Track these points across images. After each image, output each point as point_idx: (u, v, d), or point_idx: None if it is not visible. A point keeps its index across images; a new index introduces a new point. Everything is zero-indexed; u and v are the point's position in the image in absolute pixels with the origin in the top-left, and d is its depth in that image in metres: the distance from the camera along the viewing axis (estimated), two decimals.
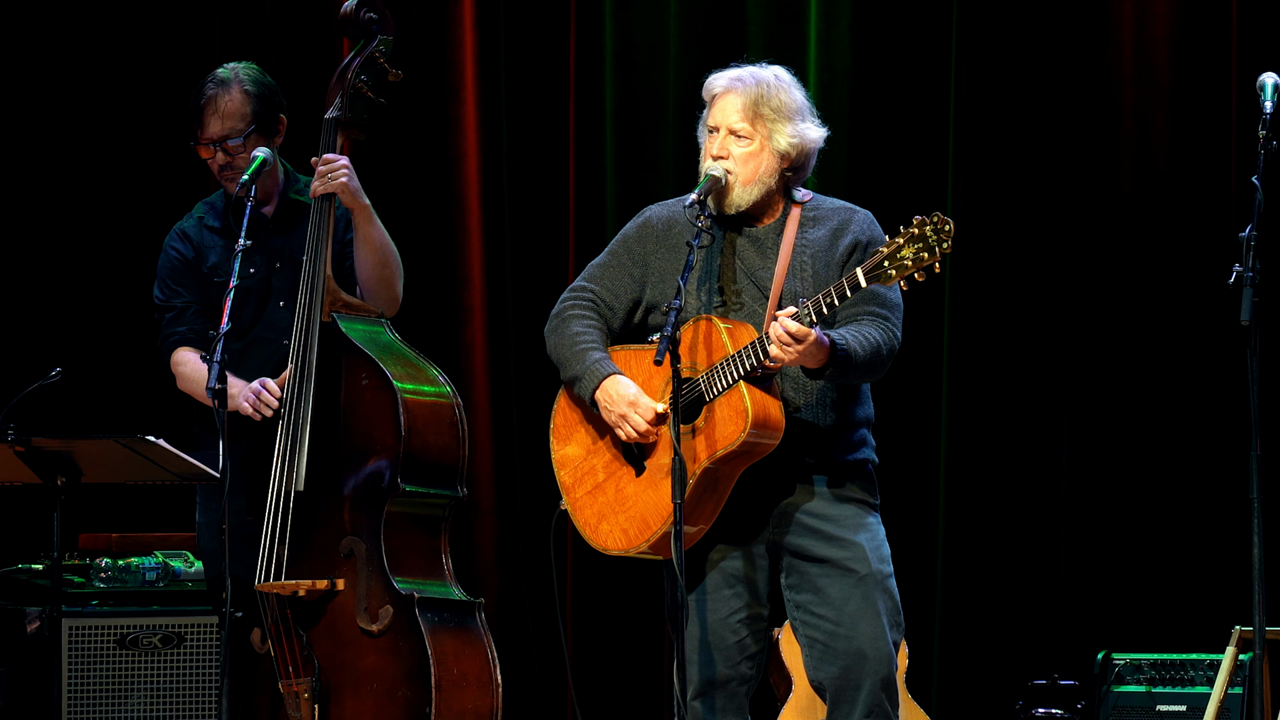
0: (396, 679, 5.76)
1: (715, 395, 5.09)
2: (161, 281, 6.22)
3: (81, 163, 8.16)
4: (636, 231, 5.39)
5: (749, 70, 5.27)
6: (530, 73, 8.30)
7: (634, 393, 5.17)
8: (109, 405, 7.99)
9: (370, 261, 6.09)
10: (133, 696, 6.78)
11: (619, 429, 5.19)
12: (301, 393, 5.92)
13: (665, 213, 5.38)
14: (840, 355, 5.04)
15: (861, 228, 5.28)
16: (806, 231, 5.27)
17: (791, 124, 5.22)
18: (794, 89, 5.26)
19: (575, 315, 5.34)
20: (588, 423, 5.32)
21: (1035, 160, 8.00)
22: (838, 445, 5.24)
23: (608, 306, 5.35)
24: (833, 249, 5.25)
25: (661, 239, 5.34)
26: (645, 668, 8.17)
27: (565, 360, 5.31)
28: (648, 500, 5.18)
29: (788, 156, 5.24)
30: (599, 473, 5.29)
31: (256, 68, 6.20)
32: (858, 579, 5.17)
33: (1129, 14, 7.93)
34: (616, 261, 5.37)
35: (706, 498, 5.14)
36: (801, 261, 5.23)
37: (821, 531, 5.20)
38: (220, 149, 6.08)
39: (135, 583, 6.91)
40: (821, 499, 5.22)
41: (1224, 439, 7.65)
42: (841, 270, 5.20)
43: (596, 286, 5.36)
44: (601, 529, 5.27)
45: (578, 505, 5.32)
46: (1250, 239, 5.09)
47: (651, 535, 5.17)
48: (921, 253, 4.85)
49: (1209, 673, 7.02)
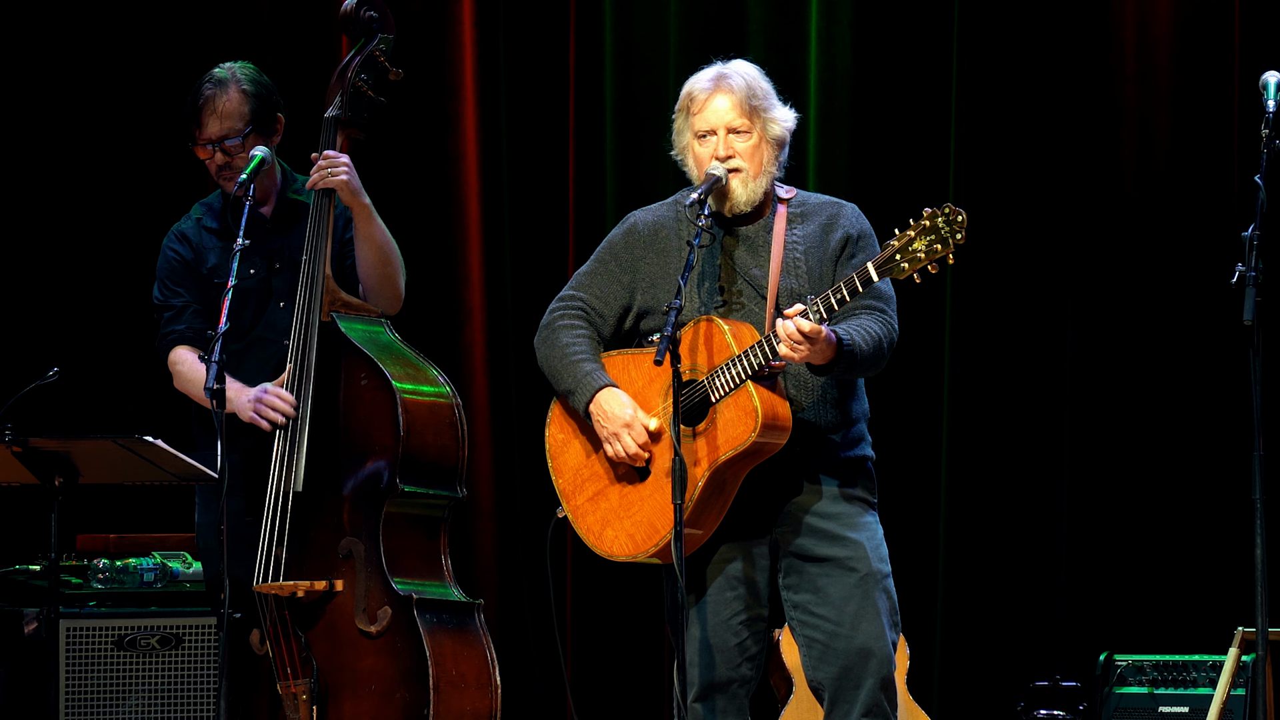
0: (395, 680, 5.75)
1: (721, 396, 5.08)
2: (160, 282, 6.21)
3: (79, 162, 8.15)
4: (623, 238, 5.37)
5: (719, 69, 5.28)
6: (530, 71, 8.29)
7: (629, 414, 5.17)
8: (107, 405, 7.98)
9: (371, 260, 6.07)
10: (130, 698, 6.76)
11: (610, 446, 5.19)
12: (300, 393, 5.91)
13: (650, 218, 5.38)
14: (846, 351, 5.04)
15: (851, 221, 5.29)
16: (795, 228, 5.27)
17: (777, 109, 5.26)
18: (763, 77, 5.30)
19: (565, 325, 5.33)
20: (586, 430, 5.30)
21: (1037, 159, 7.99)
22: (840, 443, 5.24)
23: (598, 314, 5.34)
24: (825, 244, 5.25)
25: (649, 244, 5.33)
26: (645, 670, 8.16)
27: (557, 373, 5.30)
28: (654, 504, 5.17)
29: (781, 142, 5.26)
30: (600, 479, 5.27)
31: (253, 67, 6.18)
32: (859, 578, 5.16)
33: (1131, 12, 7.93)
34: (604, 269, 5.36)
35: (714, 501, 5.13)
36: (794, 258, 5.23)
37: (823, 530, 5.20)
38: (218, 149, 6.07)
39: (133, 584, 6.90)
40: (825, 498, 5.22)
41: (1226, 439, 7.66)
42: (836, 265, 5.22)
43: (585, 295, 5.35)
44: (606, 535, 5.25)
45: (579, 512, 5.30)
46: (1253, 238, 5.08)
47: (660, 540, 5.15)
48: (935, 244, 4.86)
49: (1211, 674, 7.01)
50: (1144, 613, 7.79)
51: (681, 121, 5.27)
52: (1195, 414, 7.82)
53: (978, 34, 8.01)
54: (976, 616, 7.95)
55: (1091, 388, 7.95)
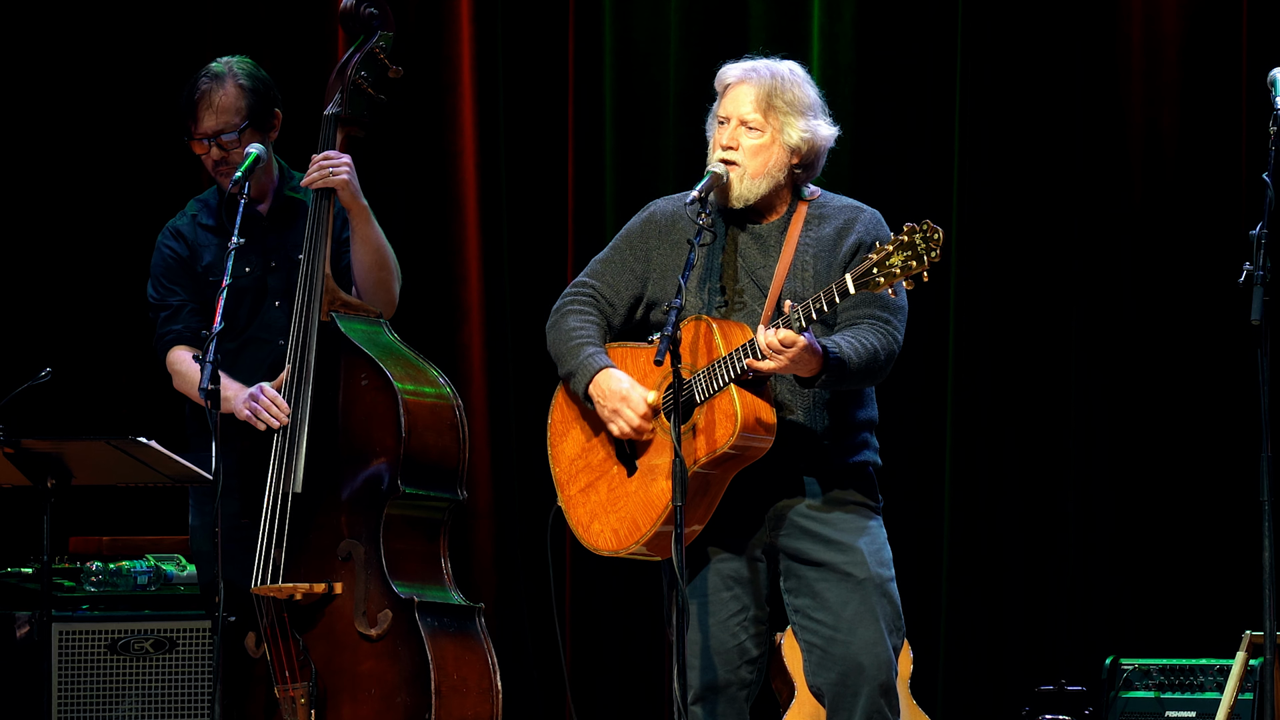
0: (395, 684, 5.75)
1: (707, 397, 5.08)
2: (155, 280, 6.20)
3: (71, 160, 8.15)
4: (640, 226, 5.37)
5: (764, 62, 5.27)
6: (528, 68, 8.29)
7: (626, 387, 5.15)
8: (100, 406, 7.99)
9: (367, 263, 6.07)
10: (124, 703, 6.75)
11: (612, 424, 5.17)
12: (300, 393, 5.91)
13: (670, 207, 5.36)
14: (834, 363, 5.01)
15: (867, 228, 5.25)
16: (811, 230, 5.25)
17: (804, 119, 5.21)
18: (808, 85, 5.27)
19: (574, 310, 5.32)
20: (583, 420, 5.30)
21: (1042, 156, 7.99)
22: (836, 448, 5.22)
23: (608, 303, 5.34)
24: (836, 248, 5.23)
25: (664, 234, 5.32)
26: (645, 672, 8.15)
27: (561, 355, 5.29)
28: (638, 500, 5.17)
29: (798, 151, 5.21)
30: (592, 471, 5.28)
31: (251, 62, 6.18)
32: (856, 583, 5.15)
33: (1138, 8, 7.93)
34: (619, 257, 5.35)
35: (698, 499, 5.12)
36: (804, 261, 5.21)
37: (818, 534, 5.19)
38: (214, 144, 6.06)
39: (126, 587, 6.90)
40: (818, 502, 5.21)
41: (1234, 440, 7.63)
42: (844, 270, 5.17)
43: (597, 282, 5.35)
44: (593, 528, 5.26)
45: (571, 503, 5.31)
46: (1261, 237, 5.10)
47: (642, 536, 5.16)
48: (910, 261, 4.83)
49: (1219, 678, 7.00)
50: (1150, 616, 7.78)
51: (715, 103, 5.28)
52: (1202, 415, 7.81)
53: (982, 30, 8.01)
54: (981, 619, 7.95)
55: (1097, 387, 7.94)
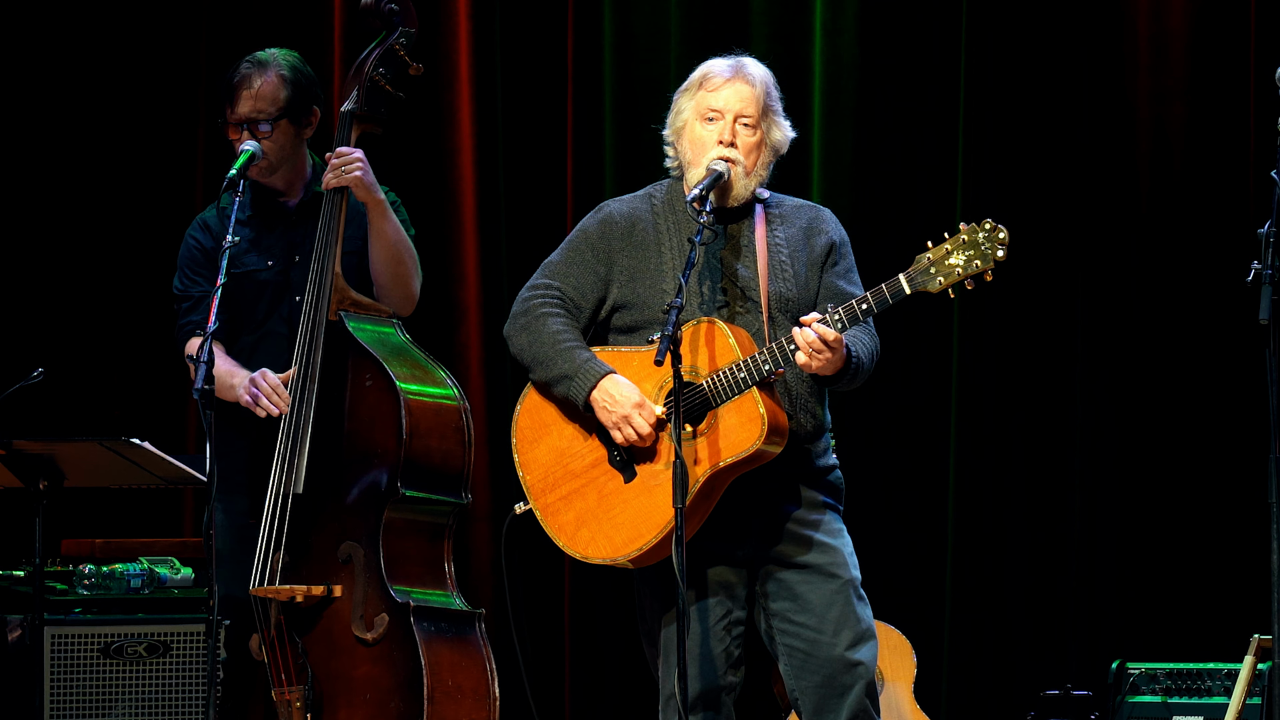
0: (389, 689, 5.73)
1: (723, 401, 5.06)
2: (181, 271, 6.19)
3: (67, 162, 8.17)
4: (599, 228, 5.33)
5: (748, 59, 5.30)
6: (527, 64, 8.31)
7: (639, 396, 5.12)
8: (93, 407, 8.00)
9: (383, 257, 6.05)
10: (117, 707, 6.74)
11: (618, 430, 5.13)
12: (305, 393, 5.89)
13: (626, 209, 5.34)
14: (853, 363, 5.10)
15: (835, 227, 5.34)
16: (776, 229, 5.28)
17: (784, 119, 5.29)
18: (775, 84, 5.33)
19: (550, 313, 5.27)
20: (562, 425, 5.26)
21: (1047, 153, 8.00)
22: (815, 452, 5.26)
23: (575, 305, 5.30)
24: (810, 248, 5.27)
25: (626, 236, 5.29)
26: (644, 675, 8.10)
27: (548, 359, 5.22)
28: (640, 507, 5.13)
29: (777, 151, 5.28)
30: (577, 477, 5.23)
31: (297, 55, 6.18)
32: (840, 584, 5.18)
33: (1144, 3, 7.93)
34: (580, 259, 5.31)
35: (701, 506, 5.10)
36: (780, 261, 5.23)
37: (804, 537, 5.20)
38: (248, 130, 6.03)
39: (120, 590, 6.86)
40: (805, 505, 5.23)
41: (1242, 441, 7.64)
42: (821, 270, 5.24)
43: (561, 284, 5.30)
44: (581, 536, 5.20)
45: (549, 510, 5.24)
46: (1269, 235, 5.04)
47: (644, 544, 5.12)
48: (974, 260, 4.95)
49: (1226, 682, 7.00)
50: (1157, 619, 7.79)
51: (686, 100, 5.25)
52: (1210, 415, 7.82)
53: (986, 25, 8.02)
54: (986, 623, 7.96)
55: (1104, 388, 7.95)
